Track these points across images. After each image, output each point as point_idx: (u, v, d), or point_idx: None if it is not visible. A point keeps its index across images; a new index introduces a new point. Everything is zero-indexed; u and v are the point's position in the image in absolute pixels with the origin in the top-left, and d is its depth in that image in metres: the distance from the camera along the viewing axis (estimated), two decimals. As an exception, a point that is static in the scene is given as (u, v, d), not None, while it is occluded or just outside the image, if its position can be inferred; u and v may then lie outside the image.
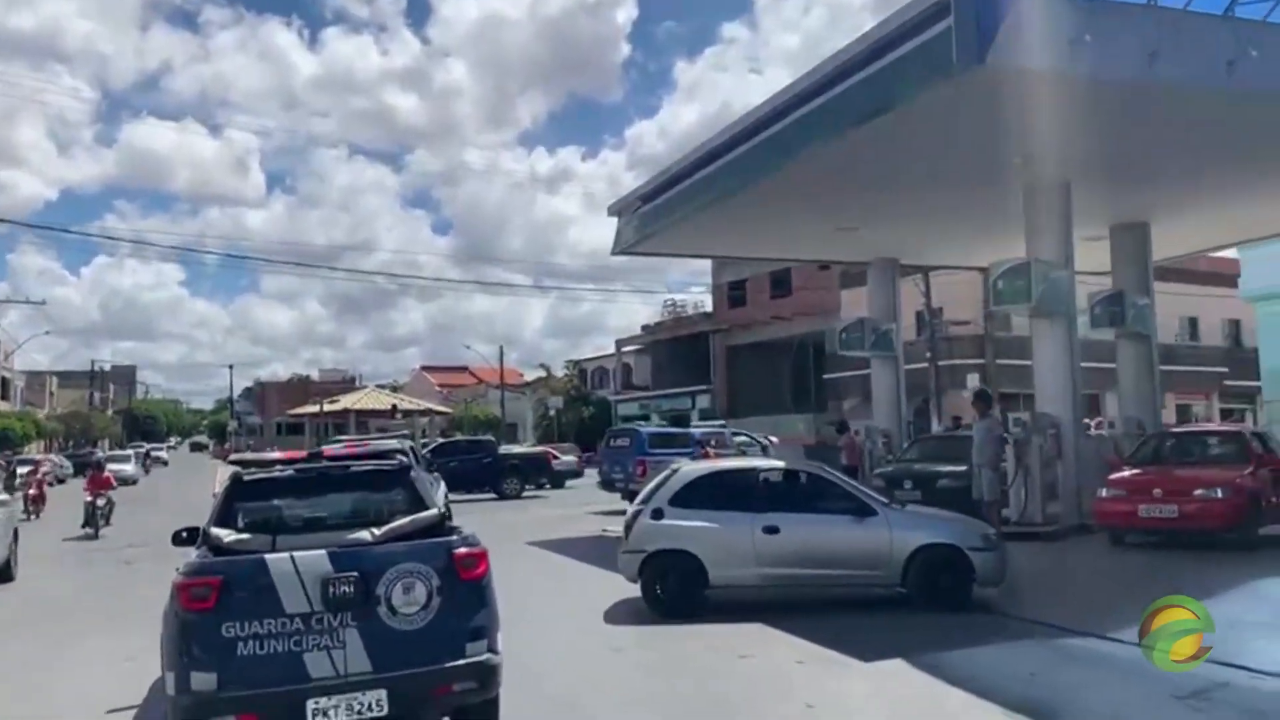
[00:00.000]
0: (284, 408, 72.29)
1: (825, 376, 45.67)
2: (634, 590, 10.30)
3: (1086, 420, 27.71)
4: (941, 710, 6.96)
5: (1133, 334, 17.40)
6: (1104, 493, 13.05)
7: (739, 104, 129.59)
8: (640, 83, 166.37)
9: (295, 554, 5.36)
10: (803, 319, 47.08)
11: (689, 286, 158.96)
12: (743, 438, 34.58)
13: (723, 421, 34.00)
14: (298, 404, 59.11)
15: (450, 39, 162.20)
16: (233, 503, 6.46)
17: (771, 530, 9.89)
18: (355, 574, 5.30)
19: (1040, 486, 13.91)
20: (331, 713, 5.16)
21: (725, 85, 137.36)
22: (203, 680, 5.06)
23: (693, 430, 20.53)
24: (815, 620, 9.40)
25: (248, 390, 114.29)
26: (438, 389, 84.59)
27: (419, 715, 5.63)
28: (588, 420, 62.18)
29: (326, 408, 41.10)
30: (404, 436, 21.14)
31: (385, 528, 5.95)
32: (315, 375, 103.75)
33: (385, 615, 5.33)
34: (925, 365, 39.06)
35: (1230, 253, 45.33)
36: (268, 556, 5.39)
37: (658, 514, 10.19)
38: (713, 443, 21.49)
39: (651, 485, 10.83)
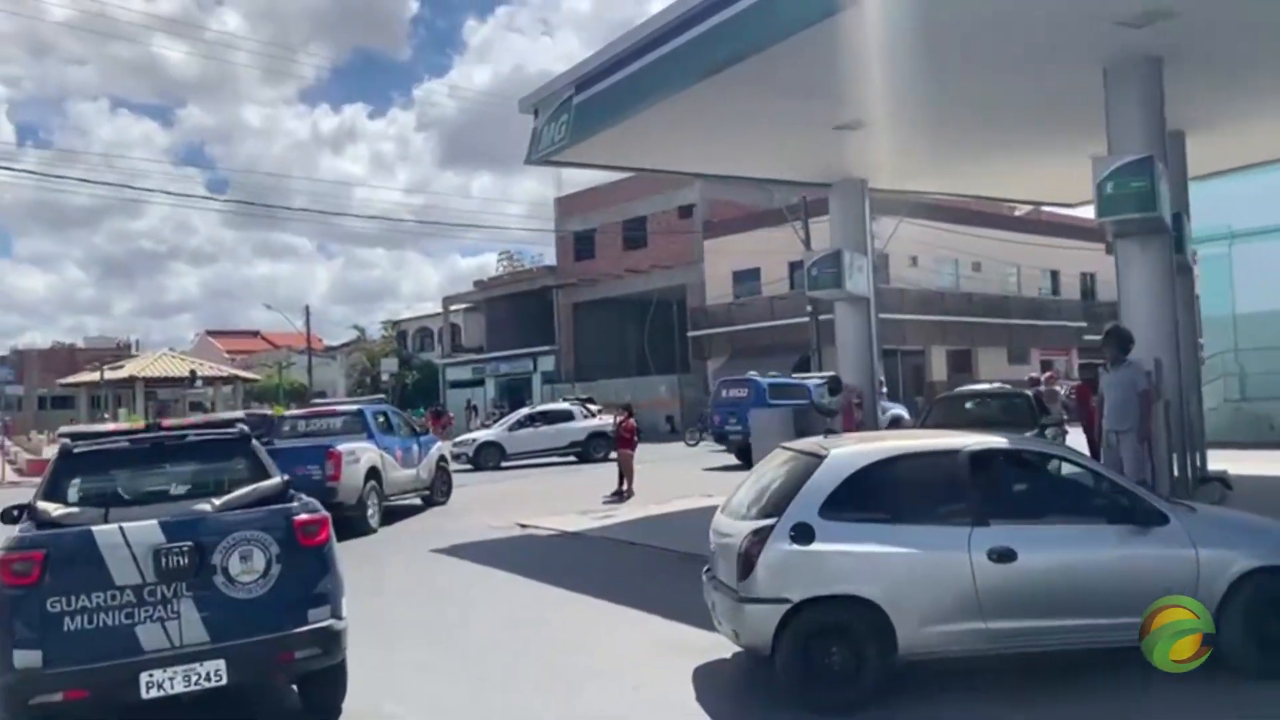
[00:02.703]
0: (48, 378, 62.62)
1: (690, 334, 41.98)
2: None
3: (1035, 375, 25.18)
4: None
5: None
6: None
7: (532, 67, 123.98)
8: (429, 40, 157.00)
9: (125, 525, 5.25)
10: (661, 272, 43.21)
11: (486, 251, 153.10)
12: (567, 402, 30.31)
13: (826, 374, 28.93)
14: (65, 374, 50.40)
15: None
16: (62, 476, 6.27)
17: (1004, 556, 5.71)
18: (189, 544, 5.21)
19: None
20: (167, 684, 5.07)
21: (517, 46, 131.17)
22: (26, 658, 4.95)
23: (807, 381, 14.84)
24: (1073, 703, 5.59)
25: (3, 360, 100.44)
26: (227, 355, 76.57)
27: (262, 683, 5.88)
28: (410, 387, 56.47)
29: (110, 375, 33.95)
30: (379, 400, 19.65)
31: (225, 498, 5.79)
32: (80, 344, 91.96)
33: (222, 584, 5.27)
34: (806, 320, 35.97)
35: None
36: (95, 529, 5.24)
37: (803, 533, 5.83)
38: (857, 399, 15.70)
39: (773, 478, 6.51)
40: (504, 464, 26.44)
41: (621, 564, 11.30)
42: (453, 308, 56.78)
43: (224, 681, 5.19)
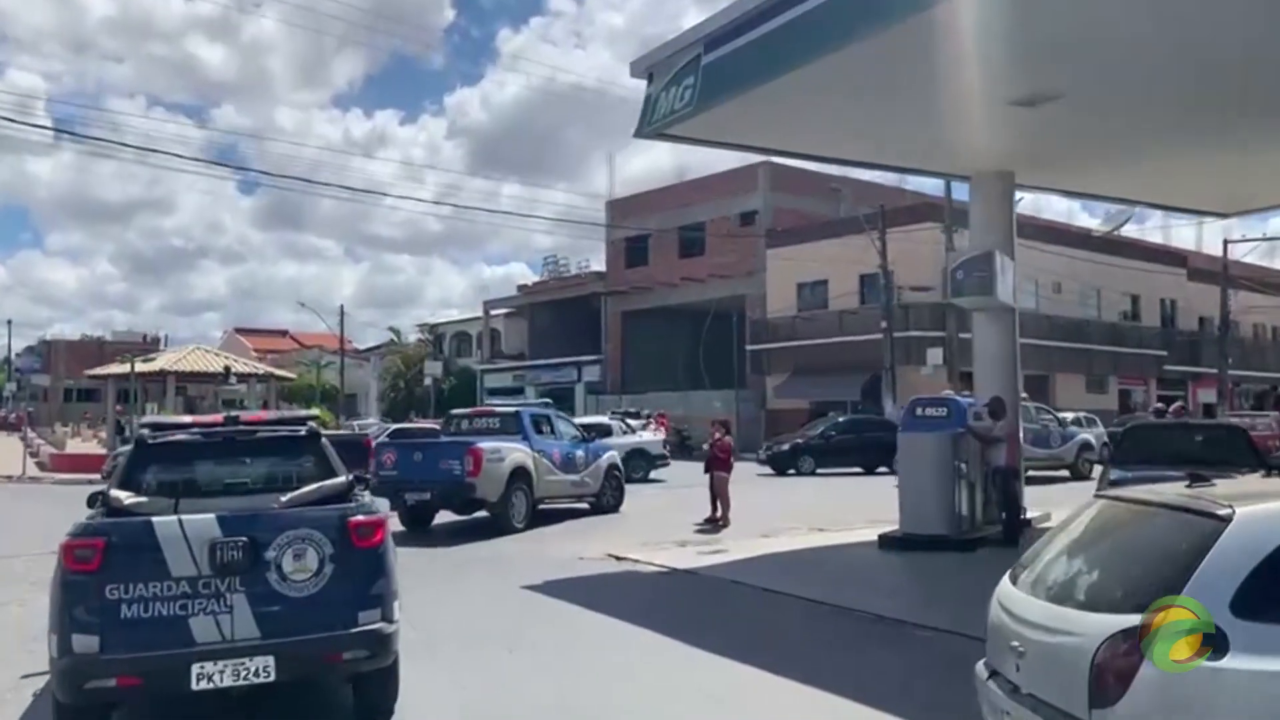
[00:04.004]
0: (76, 370, 61.16)
1: (749, 348, 39.73)
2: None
3: (1160, 406, 22.85)
4: None
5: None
6: None
7: (563, 78, 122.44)
8: (463, 48, 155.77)
9: (183, 517, 5.27)
10: (719, 281, 41.01)
11: (513, 260, 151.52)
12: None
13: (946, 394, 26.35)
14: (93, 367, 48.78)
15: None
16: (137, 466, 6.37)
17: None
18: (244, 539, 5.20)
19: None
20: (217, 677, 5.06)
21: (550, 57, 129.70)
22: (85, 643, 4.98)
23: (962, 399, 12.99)
24: None
25: (31, 350, 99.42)
26: (255, 353, 75.07)
27: (310, 681, 5.95)
28: (447, 392, 54.42)
29: (140, 368, 32.06)
30: (545, 403, 19.62)
31: (292, 494, 5.85)
32: (108, 337, 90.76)
33: (275, 581, 5.24)
34: (880, 336, 33.67)
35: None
36: (155, 519, 5.28)
37: (1211, 642, 3.63)
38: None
39: (1116, 545, 4.37)
40: None
41: (769, 618, 9.09)
42: (493, 312, 54.81)
43: (271, 678, 5.19)
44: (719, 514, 15.52)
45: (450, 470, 14.36)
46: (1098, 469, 22.38)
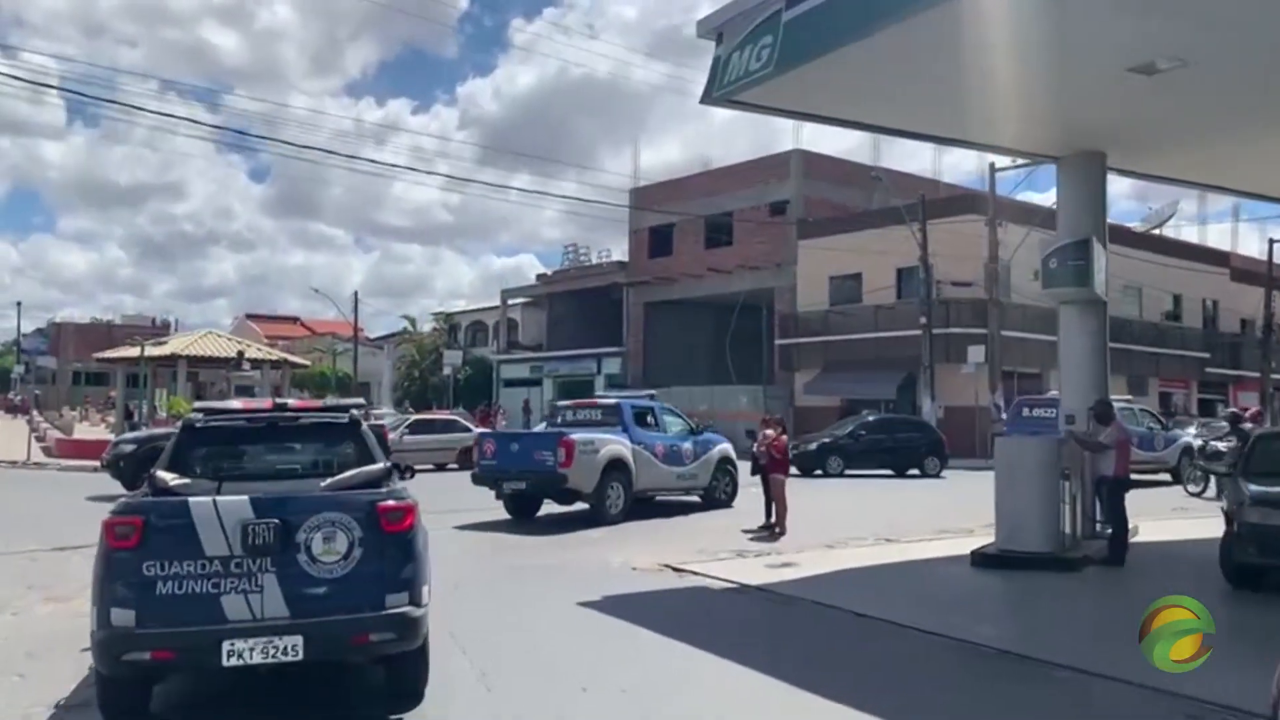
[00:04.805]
0: (85, 353, 60.09)
1: (778, 342, 38.42)
2: None
3: (1237, 410, 21.55)
4: None
5: None
6: None
7: (576, 71, 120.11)
8: (476, 38, 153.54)
9: (218, 498, 5.43)
10: (747, 273, 39.68)
11: (521, 252, 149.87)
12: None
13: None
14: (102, 350, 47.59)
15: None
16: (184, 448, 6.59)
17: None
18: (276, 520, 5.28)
19: None
20: (247, 654, 5.15)
21: (562, 49, 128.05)
22: (122, 616, 5.11)
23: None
24: None
25: (39, 332, 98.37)
26: (266, 340, 74.14)
27: (338, 661, 5.92)
28: (464, 382, 53.22)
29: (151, 352, 30.89)
30: (649, 396, 19.41)
31: (332, 479, 6.10)
32: (118, 321, 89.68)
33: (305, 563, 5.32)
34: (918, 333, 32.36)
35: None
36: (190, 499, 5.42)
37: None
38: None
39: None
40: None
41: (878, 652, 7.82)
42: (511, 301, 53.55)
43: (300, 657, 5.24)
44: (774, 520, 14.29)
45: (544, 461, 14.58)
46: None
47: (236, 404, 7.48)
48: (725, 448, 17.64)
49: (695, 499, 17.12)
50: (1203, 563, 9.82)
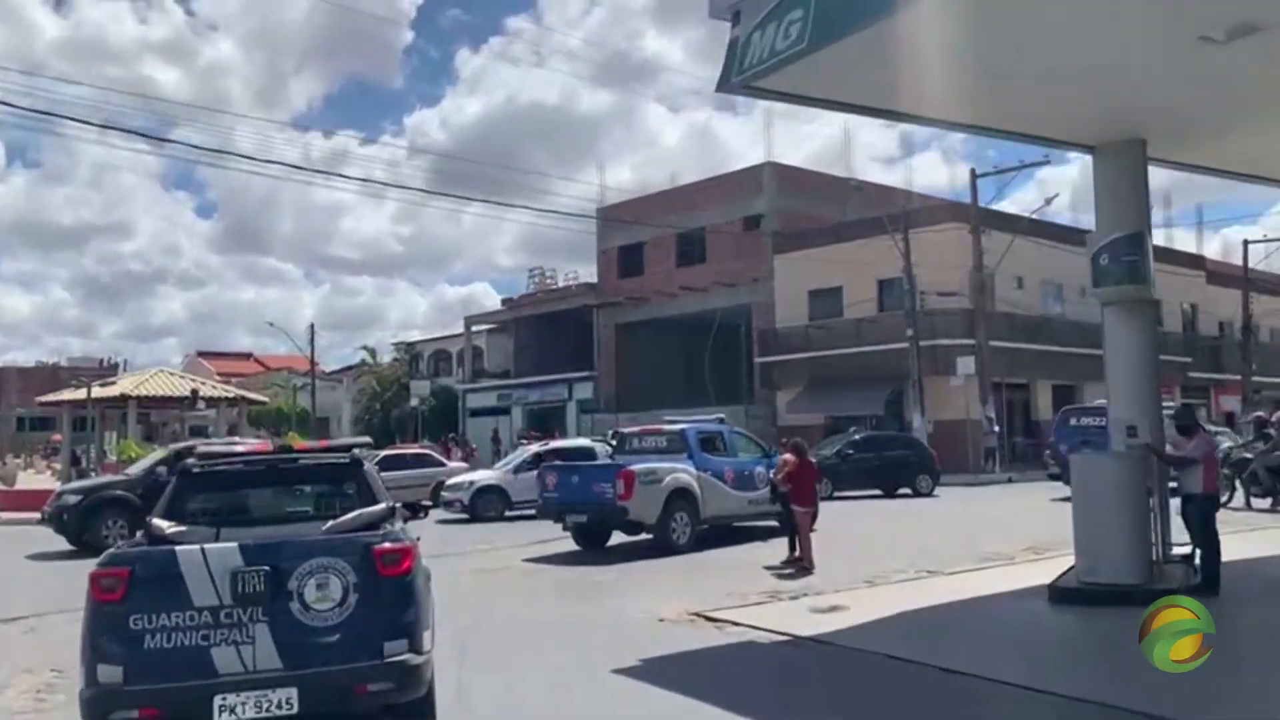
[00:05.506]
0: (28, 398, 57.51)
1: (757, 360, 37.20)
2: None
3: (1263, 415, 20.60)
4: None
5: None
6: None
7: (524, 98, 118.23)
8: (422, 69, 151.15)
9: (206, 546, 5.24)
10: (723, 289, 38.49)
11: (475, 280, 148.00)
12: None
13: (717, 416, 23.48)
14: (46, 394, 45.19)
15: (216, 12, 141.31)
16: (180, 494, 6.44)
17: None
18: (266, 567, 5.09)
19: None
20: (239, 709, 4.96)
21: (509, 78, 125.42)
22: (109, 673, 4.94)
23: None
24: None
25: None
26: (218, 377, 71.85)
27: (336, 713, 5.44)
28: (427, 413, 51.47)
29: (98, 393, 28.98)
30: (718, 420, 17.74)
31: (333, 521, 5.84)
32: (64, 363, 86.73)
33: (298, 611, 5.12)
34: (903, 346, 31.30)
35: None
36: (178, 548, 5.24)
37: None
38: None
39: None
40: (508, 513, 21.25)
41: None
42: (475, 328, 51.94)
43: (294, 710, 5.02)
44: (800, 554, 12.97)
45: (603, 493, 14.47)
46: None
47: (240, 448, 7.27)
48: None
49: (773, 523, 15.75)
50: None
